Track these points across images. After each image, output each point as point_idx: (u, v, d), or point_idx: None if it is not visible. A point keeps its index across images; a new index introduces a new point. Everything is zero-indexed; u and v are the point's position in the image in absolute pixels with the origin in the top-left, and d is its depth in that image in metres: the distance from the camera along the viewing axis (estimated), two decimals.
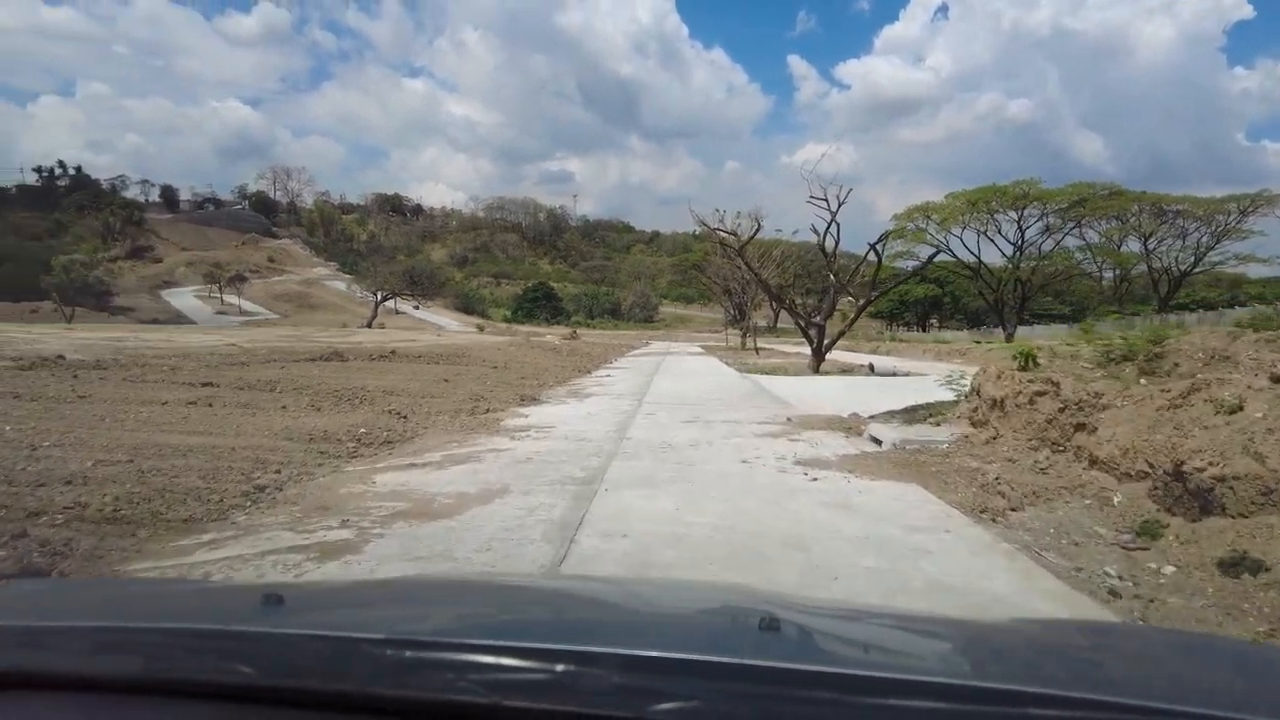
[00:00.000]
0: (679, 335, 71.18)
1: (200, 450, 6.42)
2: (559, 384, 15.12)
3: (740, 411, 10.16)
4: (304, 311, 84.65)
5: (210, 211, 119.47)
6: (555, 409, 10.54)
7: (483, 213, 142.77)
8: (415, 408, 9.80)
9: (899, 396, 12.80)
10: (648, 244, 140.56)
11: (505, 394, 11.99)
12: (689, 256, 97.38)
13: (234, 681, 0.86)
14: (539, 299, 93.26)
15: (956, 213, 55.39)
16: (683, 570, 3.57)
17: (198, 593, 1.76)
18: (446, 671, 0.84)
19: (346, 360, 16.49)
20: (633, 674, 0.82)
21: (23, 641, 0.98)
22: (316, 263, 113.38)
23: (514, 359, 21.95)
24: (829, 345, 21.76)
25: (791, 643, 1.00)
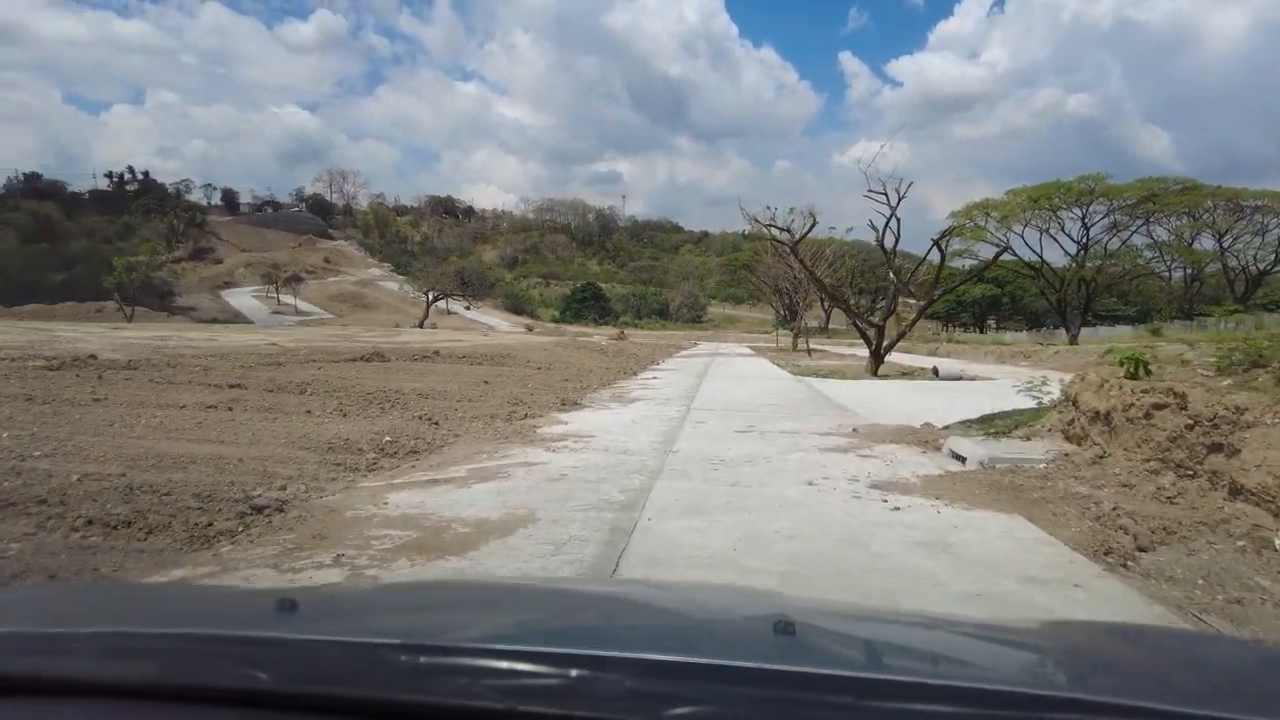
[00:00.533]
0: (728, 336, 70.02)
1: (205, 461, 5.80)
2: (603, 387, 14.37)
3: (799, 420, 9.25)
4: (358, 311, 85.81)
5: (269, 214, 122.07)
6: (597, 415, 9.77)
7: (532, 214, 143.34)
8: (449, 413, 9.13)
9: (971, 403, 11.72)
10: (696, 244, 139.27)
11: (545, 398, 11.27)
12: (738, 256, 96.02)
13: (249, 687, 0.84)
14: (587, 299, 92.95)
15: (1017, 210, 53.19)
16: None
17: (212, 598, 1.76)
18: (461, 677, 0.83)
19: (388, 361, 16.01)
20: (648, 678, 0.81)
21: (38, 646, 0.97)
22: (371, 264, 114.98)
23: (558, 360, 21.30)
24: (889, 347, 20.62)
25: (808, 646, 0.97)
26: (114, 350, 13.57)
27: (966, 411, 10.28)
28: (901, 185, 20.55)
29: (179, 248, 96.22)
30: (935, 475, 5.88)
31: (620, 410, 10.38)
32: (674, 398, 12.10)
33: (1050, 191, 52.02)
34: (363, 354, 16.10)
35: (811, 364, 25.43)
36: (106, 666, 0.92)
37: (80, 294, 63.45)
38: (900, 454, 6.84)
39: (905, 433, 8.17)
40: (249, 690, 0.85)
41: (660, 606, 1.43)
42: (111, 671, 0.91)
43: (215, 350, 15.80)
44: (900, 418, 9.58)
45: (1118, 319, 69.24)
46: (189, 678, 0.88)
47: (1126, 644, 1.33)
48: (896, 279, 21.00)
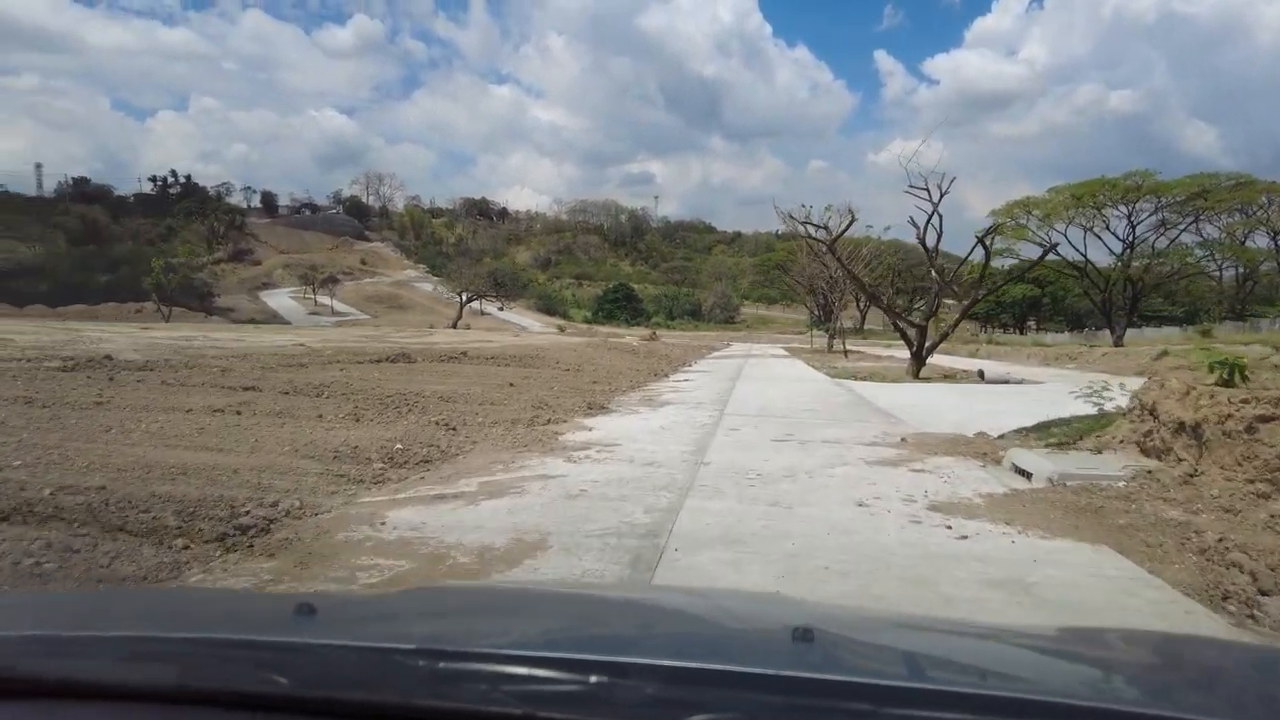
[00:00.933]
0: (761, 337, 69.06)
1: (197, 472, 5.34)
2: (632, 389, 13.81)
3: (841, 427, 8.59)
4: (394, 312, 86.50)
5: (307, 216, 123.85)
6: (624, 421, 9.21)
7: (565, 215, 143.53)
8: (469, 417, 8.64)
9: (1024, 409, 10.97)
10: (729, 244, 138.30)
11: (571, 401, 10.74)
12: (771, 256, 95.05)
13: (268, 692, 0.85)
14: (619, 300, 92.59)
15: (1060, 208, 51.64)
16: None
17: (230, 602, 1.78)
18: (480, 683, 0.83)
19: (414, 362, 15.63)
20: (666, 685, 0.81)
21: (60, 650, 0.97)
22: (407, 265, 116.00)
23: (588, 361, 20.79)
24: (930, 348, 19.77)
25: (827, 653, 0.97)
26: (135, 350, 13.35)
27: (1020, 419, 9.56)
28: (943, 181, 19.73)
29: (219, 249, 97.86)
30: (1000, 494, 5.21)
31: (649, 415, 9.80)
32: (706, 401, 11.49)
33: (1095, 189, 50.36)
34: (389, 355, 15.73)
35: (849, 366, 24.61)
36: (129, 670, 0.91)
37: (123, 295, 64.68)
38: (957, 468, 6.17)
39: (959, 443, 7.48)
40: (268, 695, 0.84)
41: (680, 613, 1.42)
42: (134, 675, 0.91)
43: (240, 351, 15.55)
44: (950, 425, 8.89)
45: (1164, 320, 67.07)
46: (209, 681, 0.88)
47: (1157, 653, 1.30)
48: (939, 278, 20.14)
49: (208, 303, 76.43)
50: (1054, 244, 29.85)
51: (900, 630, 1.34)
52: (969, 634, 1.37)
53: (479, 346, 23.37)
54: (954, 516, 4.55)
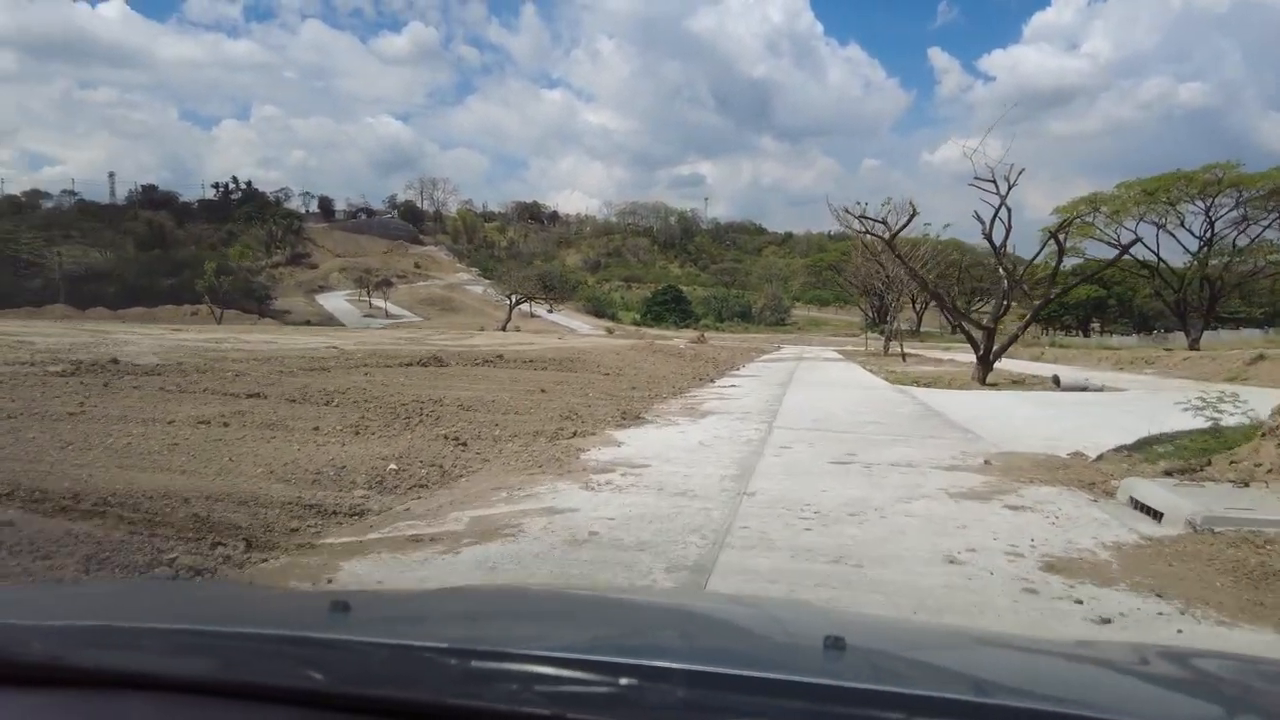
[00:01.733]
0: (813, 339, 67.22)
1: (145, 498, 4.47)
2: (674, 395, 12.74)
3: (911, 445, 7.38)
4: (446, 314, 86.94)
5: (363, 220, 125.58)
6: (659, 434, 8.14)
7: (615, 218, 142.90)
8: (486, 429, 7.69)
9: (1114, 422, 9.62)
10: (780, 245, 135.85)
11: (604, 410, 9.72)
12: (823, 257, 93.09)
13: (304, 687, 0.85)
14: (668, 302, 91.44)
15: (1130, 204, 48.79)
16: None
17: (266, 598, 1.79)
18: (511, 683, 0.82)
19: (446, 365, 14.82)
20: (696, 690, 0.80)
21: (105, 640, 0.97)
22: (459, 268, 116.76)
23: (629, 365, 19.78)
24: (999, 352, 18.24)
25: (858, 662, 0.95)
26: (155, 354, 12.81)
27: (1116, 434, 8.25)
28: (1011, 173, 18.21)
29: (277, 253, 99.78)
30: (1131, 545, 4.00)
31: (688, 427, 8.72)
32: (753, 411, 10.35)
33: (1169, 183, 47.42)
34: (420, 359, 14.96)
35: (908, 370, 23.11)
36: (171, 662, 0.92)
37: (184, 298, 66.13)
38: (1062, 502, 4.95)
39: (1054, 466, 6.24)
40: (304, 690, 0.85)
41: (711, 618, 1.41)
42: (176, 667, 0.91)
43: (266, 354, 14.95)
44: (1038, 443, 7.61)
45: (1241, 322, 63.31)
46: (248, 675, 0.88)
47: (1212, 673, 1.20)
48: (1009, 276, 18.58)
49: (265, 305, 77.80)
50: (1136, 238, 27.64)
51: (934, 641, 1.33)
52: (1004, 646, 1.34)
53: (520, 349, 22.56)
54: (1080, 582, 3.38)
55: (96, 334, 21.67)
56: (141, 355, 12.28)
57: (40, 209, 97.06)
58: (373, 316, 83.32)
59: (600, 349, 25.32)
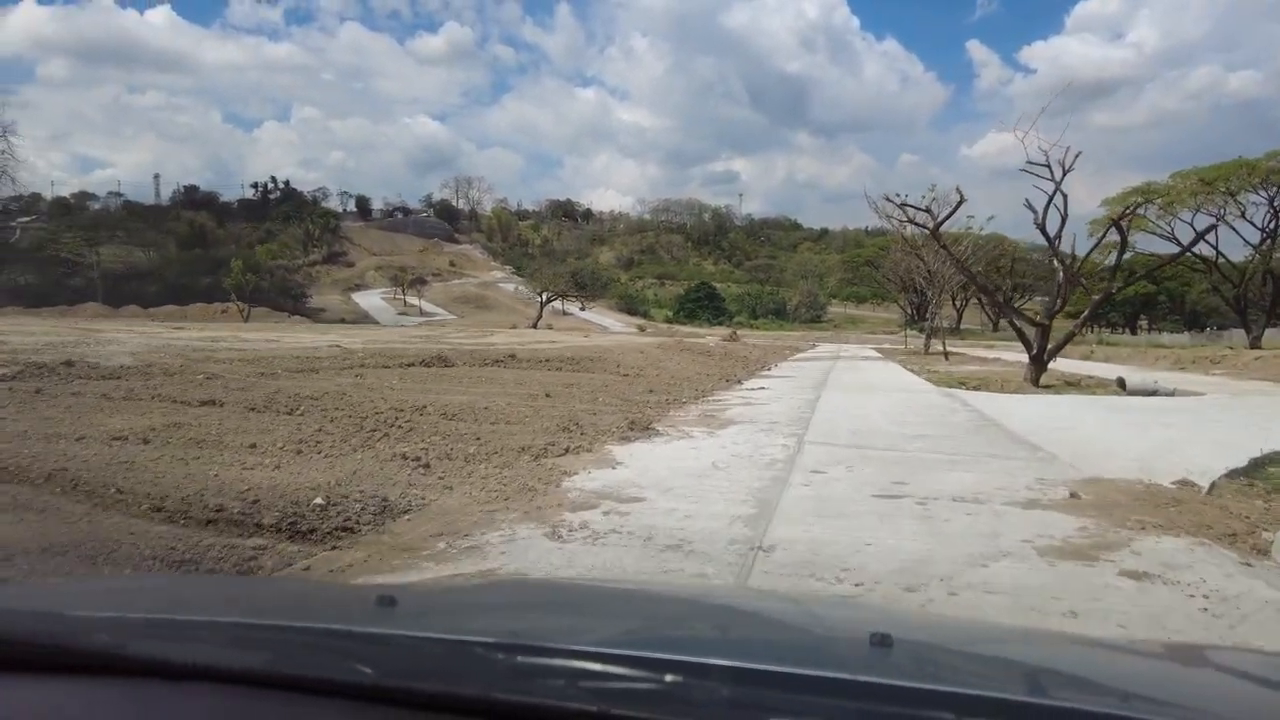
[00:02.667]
0: (849, 337, 65.24)
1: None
2: (694, 399, 11.45)
3: (974, 468, 5.98)
4: (479, 312, 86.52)
5: (399, 219, 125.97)
6: (668, 450, 6.85)
7: (649, 215, 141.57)
8: (464, 444, 6.47)
9: (1206, 434, 8.16)
10: (815, 241, 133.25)
11: (611, 418, 8.47)
12: (860, 253, 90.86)
13: (353, 680, 0.85)
14: (701, 299, 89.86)
15: (1186, 195, 46.14)
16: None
17: (314, 592, 1.81)
18: (557, 678, 0.82)
19: (450, 366, 13.71)
20: (742, 687, 0.79)
21: (164, 632, 0.99)
22: (494, 266, 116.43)
23: (653, 364, 18.51)
24: (1054, 351, 16.62)
25: (906, 660, 0.94)
26: (132, 354, 11.87)
27: (1216, 451, 6.84)
28: (1066, 157, 16.57)
29: (314, 252, 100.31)
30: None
31: (703, 441, 7.41)
32: (781, 420, 9.00)
33: (1229, 172, 44.75)
34: (424, 358, 13.85)
35: (952, 370, 21.49)
36: (225, 654, 0.93)
37: (218, 296, 66.52)
38: (1202, 566, 3.55)
39: (1161, 501, 4.84)
40: (354, 683, 0.85)
41: (756, 615, 1.40)
42: (229, 659, 0.92)
43: (260, 354, 13.96)
44: (1127, 464, 6.19)
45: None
46: (298, 668, 0.89)
47: (1257, 673, 1.16)
48: (1066, 268, 16.93)
49: (300, 303, 78.08)
50: (1215, 221, 25.54)
51: (982, 638, 1.31)
52: (1062, 644, 1.35)
53: (540, 347, 21.41)
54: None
55: (85, 332, 21.00)
56: (115, 356, 11.33)
57: (87, 210, 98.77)
58: (406, 314, 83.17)
59: (625, 347, 24.07)
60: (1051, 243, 16.95)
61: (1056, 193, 16.62)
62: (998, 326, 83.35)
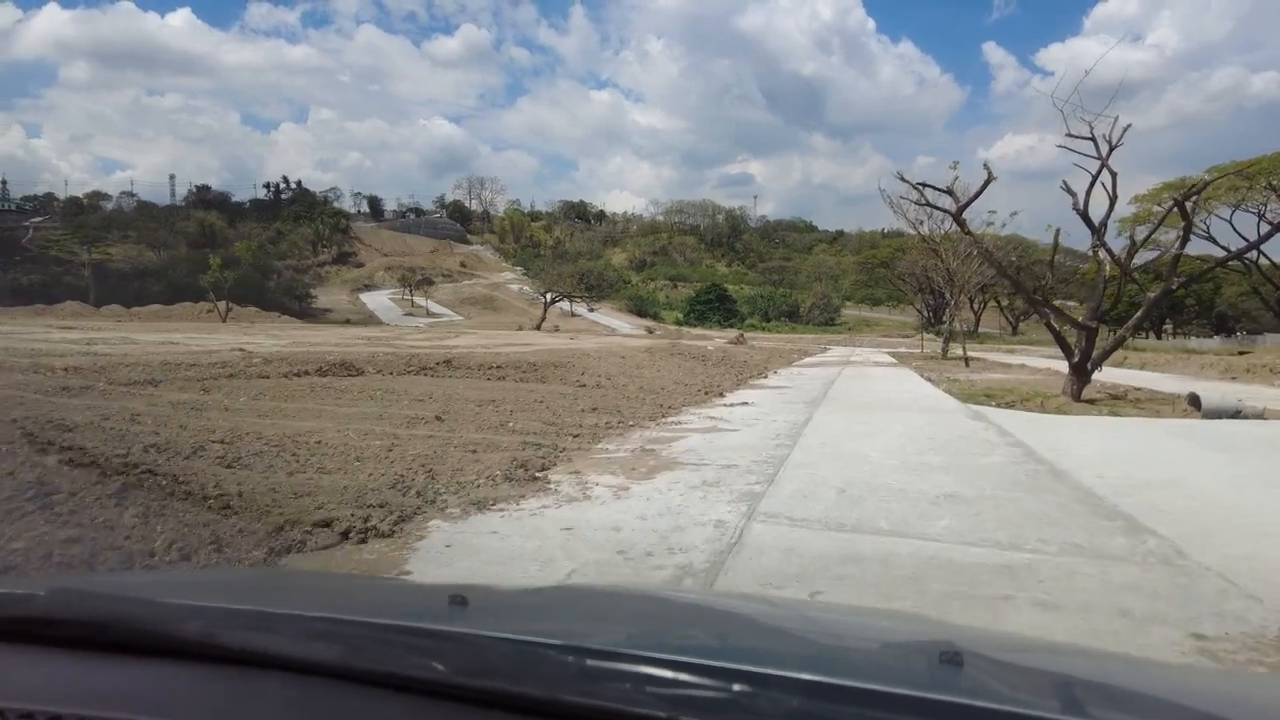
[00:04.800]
0: (863, 340, 61.99)
1: None
2: (649, 420, 8.67)
3: (1056, 587, 3.12)
4: (487, 313, 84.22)
5: (411, 220, 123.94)
6: (513, 531, 4.04)
7: (662, 216, 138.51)
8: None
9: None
10: (831, 243, 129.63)
11: (491, 460, 5.71)
12: (875, 254, 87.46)
13: (426, 677, 0.86)
14: (711, 301, 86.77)
15: (1223, 190, 42.68)
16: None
17: (388, 589, 1.88)
18: (624, 682, 0.81)
19: (357, 374, 11.00)
20: (811, 699, 0.78)
21: (251, 623, 1.01)
22: (504, 268, 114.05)
23: (630, 372, 15.71)
24: (1100, 359, 13.67)
25: (977, 679, 0.90)
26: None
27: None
28: (1113, 129, 13.67)
29: (324, 252, 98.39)
30: None
31: (594, 510, 4.57)
32: (743, 462, 6.15)
33: (1270, 165, 41.27)
34: (325, 366, 11.14)
35: (975, 379, 18.51)
36: (305, 646, 0.93)
37: (225, 295, 64.88)
38: None
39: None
40: (426, 680, 0.86)
41: (822, 627, 1.38)
42: (309, 651, 0.93)
43: (126, 359, 11.31)
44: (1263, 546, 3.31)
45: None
46: (372, 663, 0.90)
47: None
48: (1115, 260, 13.97)
49: (305, 303, 76.05)
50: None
51: (1059, 658, 1.28)
52: (1138, 668, 1.34)
53: (510, 351, 18.66)
54: None
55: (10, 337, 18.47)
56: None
57: (99, 210, 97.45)
58: (414, 315, 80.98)
59: (609, 352, 21.22)
60: (1096, 230, 13.97)
61: (1103, 170, 13.72)
62: (1017, 330, 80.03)
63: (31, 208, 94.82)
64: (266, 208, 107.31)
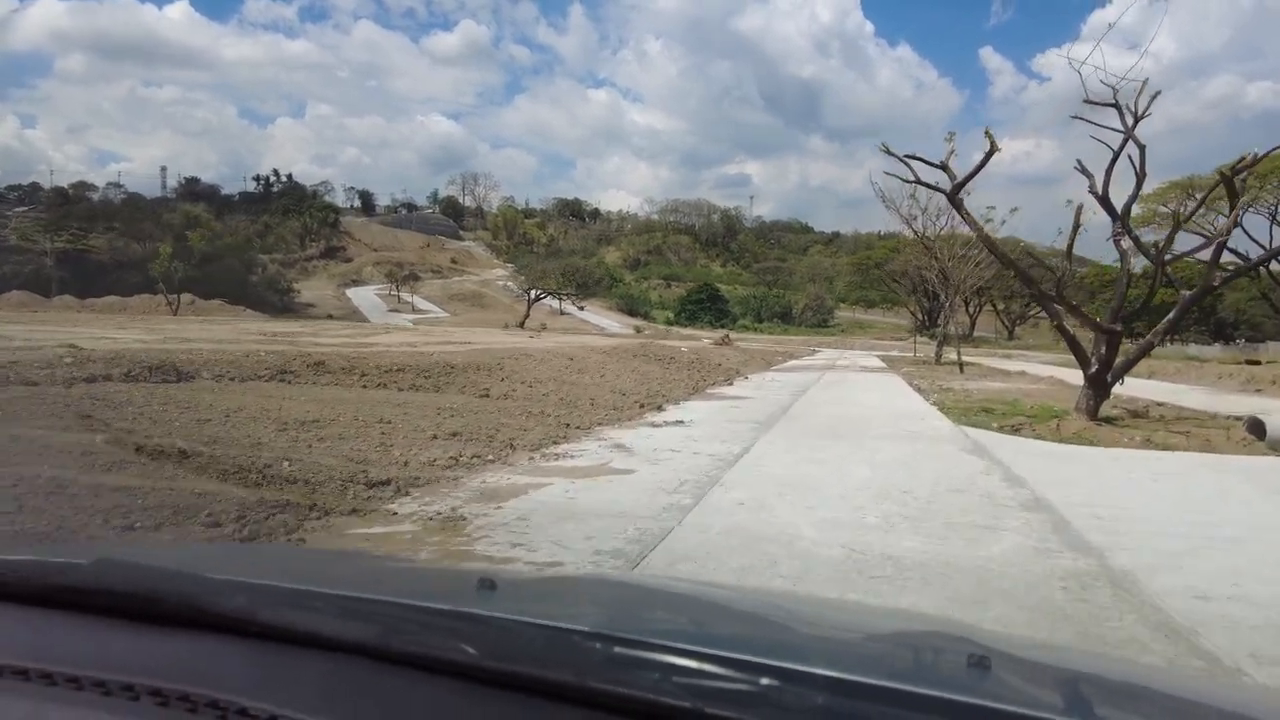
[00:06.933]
0: (854, 343, 59.47)
1: None
2: (537, 447, 6.19)
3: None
4: (474, 310, 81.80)
5: (402, 215, 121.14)
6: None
7: (657, 216, 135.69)
8: None
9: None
10: (827, 244, 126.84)
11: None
12: (870, 254, 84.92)
13: (456, 659, 0.86)
14: (703, 301, 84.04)
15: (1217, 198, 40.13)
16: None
17: (419, 572, 1.77)
18: (652, 671, 0.79)
19: (184, 381, 8.47)
20: (838, 697, 0.76)
21: (290, 601, 1.00)
22: (496, 264, 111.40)
23: (566, 378, 13.23)
24: (1123, 369, 11.19)
25: (1006, 684, 0.88)
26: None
27: None
28: (1139, 98, 11.25)
29: (311, 246, 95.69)
30: None
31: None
32: (578, 558, 3.68)
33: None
34: (130, 370, 8.59)
35: (971, 388, 16.02)
36: (341, 625, 0.94)
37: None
38: None
39: None
40: (456, 662, 0.86)
41: (847, 624, 1.32)
42: (345, 630, 0.93)
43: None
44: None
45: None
46: (405, 644, 0.90)
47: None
48: (1145, 252, 11.50)
49: (287, 298, 73.48)
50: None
51: (1084, 663, 1.19)
52: (1173, 679, 1.29)
53: (434, 351, 16.09)
54: None
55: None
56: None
57: (85, 200, 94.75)
58: (399, 311, 78.51)
59: (560, 352, 18.62)
60: (1118, 216, 11.47)
61: (1128, 142, 11.24)
62: (1013, 334, 77.50)
63: (16, 197, 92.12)
64: (256, 201, 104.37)
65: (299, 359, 10.82)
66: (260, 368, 9.71)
